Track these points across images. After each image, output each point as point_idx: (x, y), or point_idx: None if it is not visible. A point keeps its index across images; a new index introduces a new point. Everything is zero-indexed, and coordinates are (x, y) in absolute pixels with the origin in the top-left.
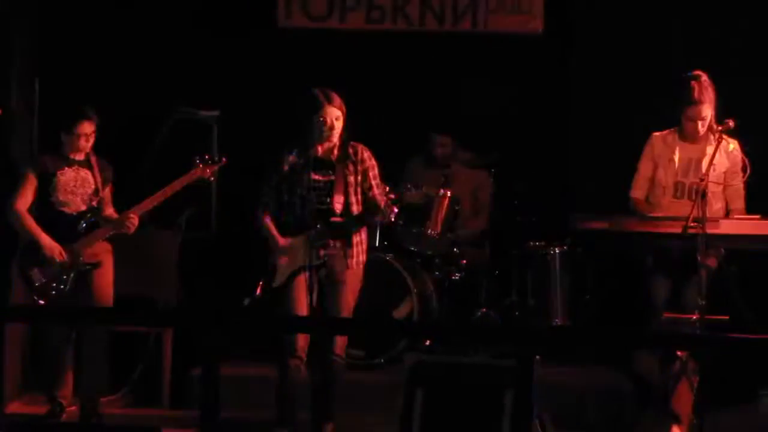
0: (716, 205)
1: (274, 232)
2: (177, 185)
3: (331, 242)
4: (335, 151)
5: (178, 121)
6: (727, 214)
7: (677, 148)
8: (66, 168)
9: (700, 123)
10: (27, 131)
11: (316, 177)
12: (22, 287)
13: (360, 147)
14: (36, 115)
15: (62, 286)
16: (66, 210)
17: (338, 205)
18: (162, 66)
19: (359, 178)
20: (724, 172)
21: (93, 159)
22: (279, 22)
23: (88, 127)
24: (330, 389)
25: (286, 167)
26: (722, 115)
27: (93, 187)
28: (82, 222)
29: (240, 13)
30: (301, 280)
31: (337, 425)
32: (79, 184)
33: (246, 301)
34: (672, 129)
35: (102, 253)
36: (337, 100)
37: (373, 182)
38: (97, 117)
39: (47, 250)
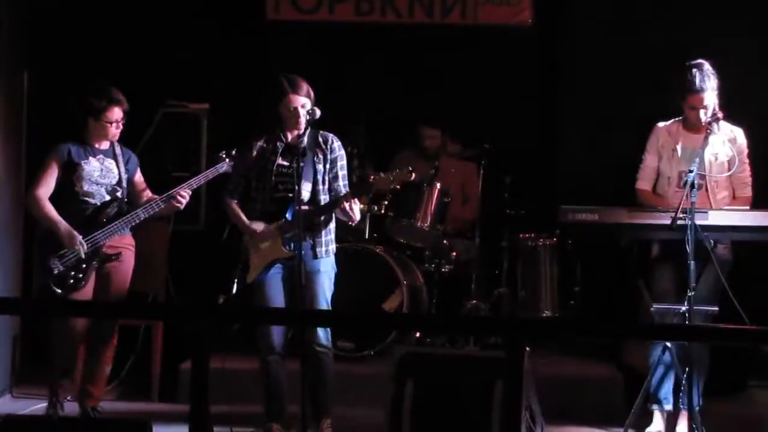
0: (720, 195)
1: (243, 217)
2: (202, 178)
3: (301, 232)
4: (305, 139)
5: (167, 115)
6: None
7: (681, 138)
8: (90, 158)
9: (702, 111)
10: (16, 125)
11: (284, 163)
12: (42, 277)
13: (331, 136)
14: (25, 109)
15: (81, 275)
16: (90, 200)
17: (305, 193)
18: (151, 59)
19: (327, 166)
20: (728, 161)
21: (117, 149)
22: (268, 14)
23: (118, 114)
24: (322, 383)
25: (254, 153)
26: (723, 106)
27: (117, 177)
28: (107, 211)
29: (229, 5)
30: (275, 274)
31: (332, 414)
32: (104, 174)
33: (221, 300)
34: (677, 119)
35: (124, 246)
36: (303, 87)
37: (340, 173)
38: (126, 103)
39: (66, 238)
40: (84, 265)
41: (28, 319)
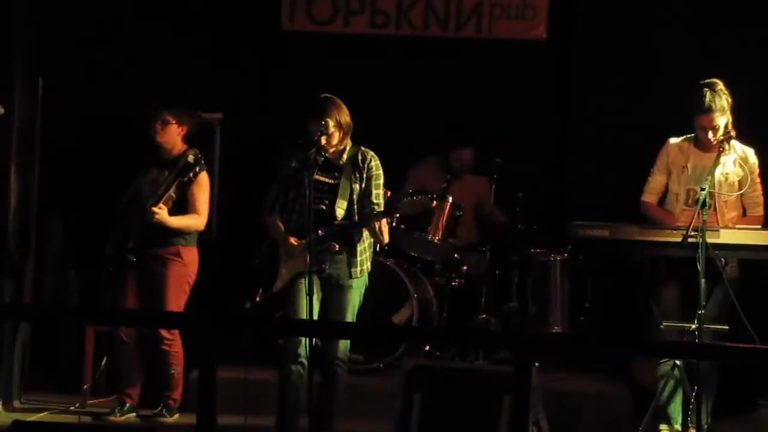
0: (729, 215)
1: (282, 231)
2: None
3: (334, 246)
4: (345, 155)
5: None
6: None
7: (691, 156)
8: (152, 167)
9: (710, 131)
10: (30, 131)
11: (322, 178)
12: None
13: (370, 155)
14: (39, 115)
15: (110, 270)
16: (138, 207)
17: (340, 210)
18: (166, 68)
19: (362, 185)
20: (739, 181)
21: (182, 160)
22: (283, 25)
23: (160, 113)
24: (332, 397)
25: (295, 164)
26: (737, 124)
27: (160, 190)
28: (135, 220)
29: (244, 16)
30: (302, 285)
31: (335, 430)
32: (150, 185)
33: (248, 305)
34: (689, 136)
35: (168, 256)
36: (332, 113)
37: (373, 192)
38: (179, 109)
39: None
40: (114, 265)
41: (38, 325)
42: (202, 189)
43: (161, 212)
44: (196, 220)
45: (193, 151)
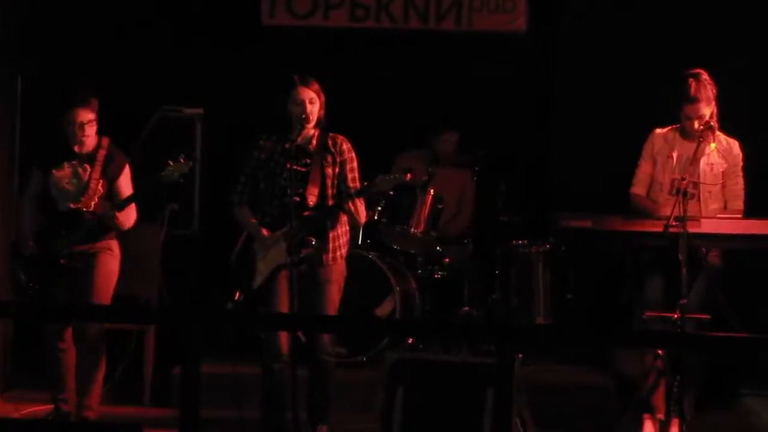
0: (712, 206)
1: (255, 223)
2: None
3: (309, 239)
4: (314, 141)
5: (162, 119)
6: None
7: (676, 145)
8: (65, 164)
9: (696, 121)
10: (9, 130)
11: (293, 166)
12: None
13: (340, 138)
14: (19, 114)
15: (36, 286)
16: (59, 207)
17: (312, 197)
18: (146, 64)
19: (336, 169)
20: (723, 172)
21: (101, 153)
22: (263, 19)
23: (82, 115)
24: (323, 391)
25: (263, 155)
26: (721, 115)
27: (85, 184)
28: (66, 220)
29: (224, 10)
30: (282, 280)
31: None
32: (72, 181)
33: (229, 306)
34: (674, 126)
35: (99, 249)
36: (313, 84)
37: (348, 175)
38: (95, 103)
39: (22, 246)
40: (39, 273)
41: (18, 323)
42: (129, 179)
43: (121, 215)
44: (133, 213)
45: (107, 139)
